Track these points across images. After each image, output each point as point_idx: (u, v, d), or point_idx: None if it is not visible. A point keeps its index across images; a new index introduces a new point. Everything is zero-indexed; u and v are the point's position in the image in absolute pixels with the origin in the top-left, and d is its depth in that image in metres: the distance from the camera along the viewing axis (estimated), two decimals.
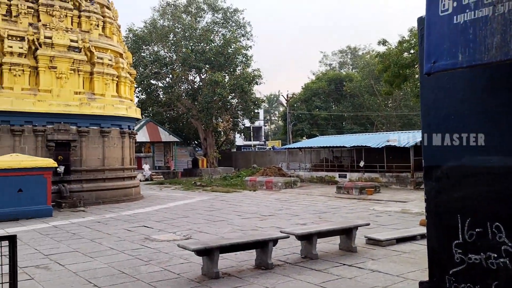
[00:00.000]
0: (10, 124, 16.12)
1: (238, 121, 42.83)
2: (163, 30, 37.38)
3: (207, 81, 36.24)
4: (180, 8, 39.26)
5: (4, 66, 16.19)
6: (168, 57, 38.47)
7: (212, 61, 36.66)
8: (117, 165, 18.91)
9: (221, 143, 44.56)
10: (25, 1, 17.27)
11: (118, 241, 9.84)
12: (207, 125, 37.01)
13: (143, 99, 39.61)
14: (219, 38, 39.03)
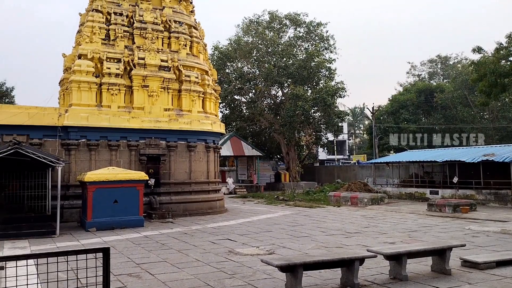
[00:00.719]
0: (107, 140, 17.37)
1: (321, 135, 42.37)
2: (246, 46, 38.32)
3: (289, 95, 36.37)
4: (263, 25, 40.06)
5: (103, 86, 17.55)
6: (251, 73, 39.30)
7: (294, 75, 36.79)
8: (202, 179, 19.51)
9: (303, 157, 44.32)
10: (121, 26, 18.66)
11: (204, 253, 10.03)
12: (289, 139, 37.05)
13: (227, 114, 40.76)
14: (302, 52, 39.13)
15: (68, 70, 19.37)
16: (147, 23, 19.03)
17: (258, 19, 40.59)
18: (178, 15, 20.28)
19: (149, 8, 19.39)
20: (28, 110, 16.27)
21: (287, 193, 29.58)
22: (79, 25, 19.91)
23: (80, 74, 17.30)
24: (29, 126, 16.06)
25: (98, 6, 18.58)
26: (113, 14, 18.70)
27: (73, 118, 16.68)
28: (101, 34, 18.24)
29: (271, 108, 39.69)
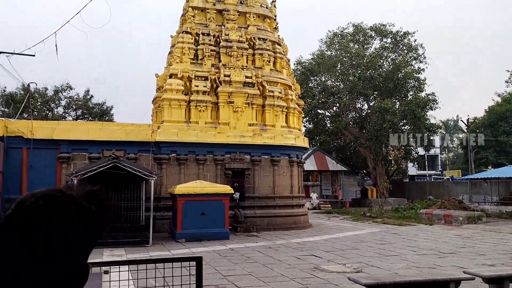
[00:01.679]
0: (195, 154, 18.10)
1: (410, 149, 40.41)
2: (330, 60, 38.02)
3: (375, 108, 35.30)
4: (347, 37, 39.53)
5: (192, 103, 18.40)
6: (335, 86, 38.84)
7: (380, 88, 35.68)
8: (286, 193, 19.50)
9: (391, 172, 42.54)
10: (209, 45, 19.50)
11: (288, 268, 9.94)
12: (376, 153, 35.82)
13: (310, 128, 40.54)
14: (388, 63, 37.90)
15: (160, 89, 20.60)
16: (232, 41, 19.69)
17: (342, 32, 40.14)
18: (262, 32, 20.73)
19: (234, 27, 20.07)
20: (125, 127, 17.53)
21: (374, 209, 28.49)
22: (170, 47, 21.17)
23: (171, 93, 18.31)
24: (126, 141, 17.27)
25: (187, 28, 19.63)
26: (201, 35, 19.63)
27: (164, 134, 17.63)
28: (190, 54, 19.20)
29: (356, 122, 38.78)
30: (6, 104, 32.12)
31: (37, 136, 16.71)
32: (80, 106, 37.09)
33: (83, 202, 0.88)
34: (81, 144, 17.04)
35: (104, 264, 3.97)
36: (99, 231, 0.91)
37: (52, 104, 36.34)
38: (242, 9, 20.77)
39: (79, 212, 0.86)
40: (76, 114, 37.14)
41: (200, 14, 20.42)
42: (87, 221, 0.87)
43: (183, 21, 20.53)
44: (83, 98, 37.31)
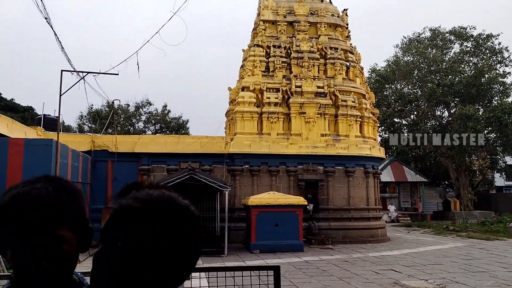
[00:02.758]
0: (268, 165, 18.17)
1: (497, 159, 37.52)
2: (406, 67, 36.58)
3: (457, 115, 33.29)
4: (424, 43, 37.85)
5: (264, 115, 18.56)
6: (412, 94, 37.25)
7: (462, 94, 33.62)
8: (362, 205, 18.90)
9: (476, 183, 39.74)
10: (280, 57, 19.63)
11: (367, 283, 9.56)
12: (459, 163, 33.68)
13: (386, 138, 39.15)
14: (470, 68, 35.66)
15: (233, 102, 21.05)
16: (303, 52, 19.65)
17: (418, 37, 38.53)
18: (334, 42, 20.49)
19: (305, 38, 20.04)
20: (200, 140, 18.09)
21: (458, 223, 26.68)
22: (242, 60, 21.61)
23: (243, 105, 18.62)
24: (201, 154, 17.79)
25: (259, 41, 19.94)
26: (272, 47, 19.83)
27: (237, 146, 17.93)
28: (261, 66, 19.45)
29: (435, 130, 36.81)
30: (93, 120, 34.63)
31: (120, 149, 17.75)
32: (158, 120, 38.99)
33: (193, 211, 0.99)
34: (160, 156, 17.82)
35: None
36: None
37: (133, 119, 38.56)
38: (313, 19, 20.70)
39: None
40: (155, 128, 39.08)
41: (271, 27, 20.66)
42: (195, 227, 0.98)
43: (255, 35, 20.88)
44: (161, 113, 39.19)
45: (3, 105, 34.16)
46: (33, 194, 1.02)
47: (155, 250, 0.88)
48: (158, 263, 0.89)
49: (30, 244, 0.99)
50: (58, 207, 1.02)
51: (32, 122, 26.36)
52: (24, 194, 1.02)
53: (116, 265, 0.89)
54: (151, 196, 0.95)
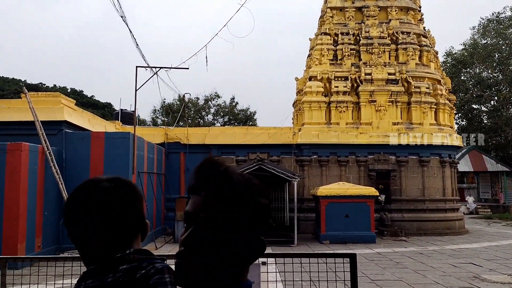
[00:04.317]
0: (337, 155, 17.88)
1: None
2: (485, 49, 34.20)
3: None
4: (505, 23, 35.13)
5: (332, 104, 18.25)
6: (492, 78, 34.79)
7: None
8: (437, 196, 18.03)
9: None
10: (348, 45, 19.15)
11: (443, 276, 9.14)
12: None
13: (464, 125, 36.96)
14: None
15: (300, 92, 20.90)
16: (373, 38, 19.01)
17: (497, 17, 35.80)
18: (406, 26, 19.61)
19: (375, 23, 19.37)
20: (268, 131, 18.19)
21: None
22: (309, 50, 21.35)
23: (311, 95, 18.43)
24: (269, 144, 17.90)
25: (326, 29, 19.57)
26: (340, 35, 19.39)
27: (305, 136, 17.81)
28: (329, 55, 19.10)
29: None
30: (165, 114, 36.04)
31: (191, 141, 18.35)
32: (226, 112, 39.75)
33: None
34: (229, 147, 18.18)
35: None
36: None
37: (203, 112, 39.64)
38: (383, 3, 19.93)
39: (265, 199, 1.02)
40: (224, 120, 39.89)
41: (339, 14, 20.18)
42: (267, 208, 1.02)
43: (322, 23, 20.53)
44: (229, 105, 39.91)
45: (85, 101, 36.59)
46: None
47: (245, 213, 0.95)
48: (240, 230, 0.95)
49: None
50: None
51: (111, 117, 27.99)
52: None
53: (206, 239, 0.94)
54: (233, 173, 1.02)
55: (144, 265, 1.05)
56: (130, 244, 1.12)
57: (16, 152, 10.40)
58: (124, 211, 1.10)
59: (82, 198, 1.10)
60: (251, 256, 0.99)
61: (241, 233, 0.95)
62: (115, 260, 1.06)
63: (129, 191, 1.14)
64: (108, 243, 1.08)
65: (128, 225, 1.11)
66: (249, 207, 0.96)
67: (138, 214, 1.14)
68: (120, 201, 1.10)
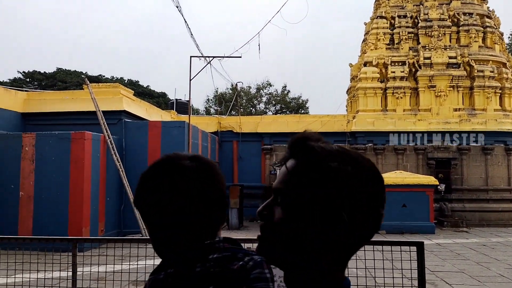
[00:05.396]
0: (393, 144, 17.33)
1: None
2: None
3: None
4: None
5: (388, 90, 17.66)
6: None
7: None
8: (502, 186, 17.05)
9: None
10: (405, 28, 18.40)
11: (509, 269, 8.64)
12: None
13: None
14: None
15: (354, 78, 20.41)
16: (432, 20, 18.14)
17: None
18: (468, 6, 18.53)
19: (434, 4, 18.46)
20: (321, 119, 17.94)
21: None
22: (364, 34, 20.75)
23: (366, 81, 17.92)
24: (322, 132, 17.61)
25: (382, 12, 18.90)
26: (397, 18, 18.66)
27: (360, 124, 17.39)
28: (385, 39, 18.45)
29: None
30: (218, 103, 36.53)
31: (244, 130, 18.47)
32: (278, 101, 39.64)
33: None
34: (281, 136, 18.11)
35: None
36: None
37: (254, 101, 39.79)
38: None
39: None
40: (275, 109, 39.83)
41: None
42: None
43: (377, 6, 19.84)
44: (281, 93, 39.77)
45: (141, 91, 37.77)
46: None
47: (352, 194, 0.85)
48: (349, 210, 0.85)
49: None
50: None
51: (166, 106, 28.76)
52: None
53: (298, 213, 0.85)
54: (348, 151, 0.92)
55: (239, 255, 0.93)
56: (217, 230, 1.01)
57: (79, 141, 10.91)
58: (210, 193, 0.99)
59: (161, 176, 0.98)
60: (355, 244, 0.88)
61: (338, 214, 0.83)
62: (203, 247, 0.95)
63: (213, 170, 1.02)
64: (194, 228, 0.96)
65: (214, 208, 0.99)
66: (347, 183, 0.84)
67: (223, 197, 1.03)
68: (205, 182, 0.99)
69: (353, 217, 0.85)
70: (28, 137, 11.04)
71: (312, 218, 0.83)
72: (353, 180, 0.85)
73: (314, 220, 0.83)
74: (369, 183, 0.87)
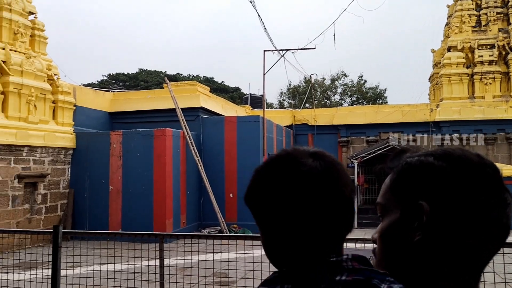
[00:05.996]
0: (482, 133, 16.13)
1: None
2: None
3: None
4: None
5: (475, 76, 16.44)
6: None
7: None
8: None
9: None
10: (494, 8, 16.99)
11: None
12: None
13: None
14: None
15: (437, 65, 19.27)
16: None
17: None
18: None
19: None
20: (401, 108, 17.15)
21: None
22: (447, 17, 19.48)
23: (450, 67, 16.82)
24: (402, 123, 16.87)
25: None
26: None
27: (444, 113, 16.38)
28: (471, 21, 17.17)
29: None
30: (292, 96, 36.39)
31: (319, 122, 18.20)
32: (354, 92, 38.58)
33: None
34: (358, 127, 17.60)
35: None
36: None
37: (329, 93, 39.10)
38: None
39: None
40: (351, 100, 38.84)
41: None
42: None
43: None
44: (357, 84, 38.67)
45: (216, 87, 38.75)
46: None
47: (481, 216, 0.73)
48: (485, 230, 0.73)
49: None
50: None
51: (240, 101, 29.21)
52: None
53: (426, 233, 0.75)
54: (452, 152, 0.78)
55: (374, 281, 0.73)
56: (343, 242, 0.86)
57: (161, 137, 11.40)
58: (336, 198, 0.82)
59: (279, 176, 0.83)
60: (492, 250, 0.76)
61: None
62: (327, 265, 0.79)
63: (340, 171, 0.86)
64: (317, 239, 0.81)
65: (340, 216, 0.83)
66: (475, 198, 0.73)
67: (350, 203, 0.85)
68: (331, 185, 0.83)
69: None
70: (116, 135, 11.75)
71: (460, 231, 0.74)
72: (462, 181, 0.74)
73: (462, 232, 0.74)
74: (483, 182, 0.74)
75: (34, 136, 10.79)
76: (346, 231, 0.86)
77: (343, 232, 0.85)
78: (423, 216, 0.75)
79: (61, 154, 11.73)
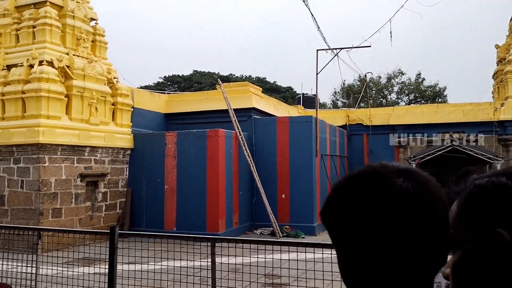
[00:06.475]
0: None
1: None
2: None
3: None
4: None
5: None
6: None
7: None
8: None
9: None
10: None
11: None
12: None
13: None
14: None
15: (502, 61, 18.15)
16: None
17: None
18: None
19: None
20: (462, 107, 16.32)
21: None
22: None
23: None
24: (464, 123, 16.05)
25: None
26: None
27: (510, 112, 15.42)
28: None
29: None
30: (346, 96, 35.72)
31: (374, 122, 17.70)
32: (412, 90, 37.23)
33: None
34: (416, 128, 16.94)
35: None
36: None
37: (385, 91, 38.00)
38: None
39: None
40: (409, 99, 37.50)
41: None
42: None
43: None
44: (414, 82, 37.30)
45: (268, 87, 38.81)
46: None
47: None
48: None
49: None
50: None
51: (292, 101, 29.06)
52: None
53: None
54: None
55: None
56: (434, 277, 0.74)
57: (214, 138, 11.56)
58: (430, 225, 0.71)
59: (364, 197, 0.73)
60: None
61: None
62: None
63: (435, 193, 0.74)
64: (403, 274, 0.71)
65: (432, 247, 0.72)
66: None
67: (446, 230, 0.74)
68: (424, 210, 0.72)
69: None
70: (171, 135, 12.06)
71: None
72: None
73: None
74: None
75: (95, 137, 11.31)
76: (439, 265, 0.75)
77: (435, 266, 0.74)
78: (503, 246, 0.65)
79: (120, 154, 12.21)
